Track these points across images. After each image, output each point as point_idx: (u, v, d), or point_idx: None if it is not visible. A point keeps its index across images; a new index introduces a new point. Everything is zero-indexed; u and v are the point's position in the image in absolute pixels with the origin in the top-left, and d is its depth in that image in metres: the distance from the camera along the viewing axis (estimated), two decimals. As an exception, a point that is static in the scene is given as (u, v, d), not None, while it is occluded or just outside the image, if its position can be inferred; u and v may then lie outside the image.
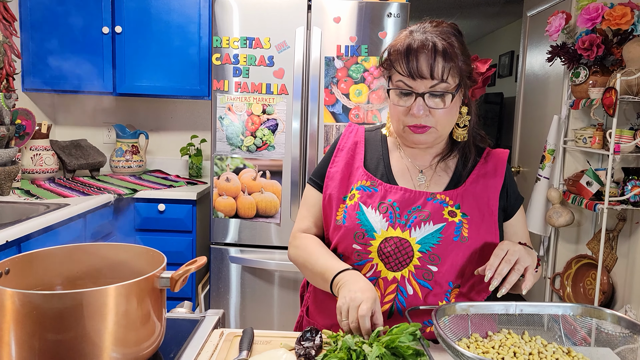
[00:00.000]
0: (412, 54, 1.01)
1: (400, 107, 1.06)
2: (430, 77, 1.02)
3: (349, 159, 1.19)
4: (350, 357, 0.83)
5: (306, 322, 1.23)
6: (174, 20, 2.80)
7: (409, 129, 1.07)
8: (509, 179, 1.16)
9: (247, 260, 2.51)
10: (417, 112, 1.03)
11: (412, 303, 1.07)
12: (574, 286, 2.93)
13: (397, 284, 1.07)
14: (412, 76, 1.02)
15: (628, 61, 2.43)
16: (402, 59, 1.03)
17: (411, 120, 1.05)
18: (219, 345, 1.00)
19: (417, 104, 1.03)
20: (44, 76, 2.83)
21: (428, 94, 1.03)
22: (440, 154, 1.16)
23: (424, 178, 1.15)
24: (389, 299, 1.08)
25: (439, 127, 1.07)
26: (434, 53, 1.01)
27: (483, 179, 1.13)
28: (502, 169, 1.15)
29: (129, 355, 0.85)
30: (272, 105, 2.42)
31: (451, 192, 1.11)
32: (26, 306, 0.78)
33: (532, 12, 3.63)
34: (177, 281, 0.89)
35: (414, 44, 1.02)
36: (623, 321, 0.88)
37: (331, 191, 1.17)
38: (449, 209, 1.08)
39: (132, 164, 3.05)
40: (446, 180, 1.15)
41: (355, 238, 1.09)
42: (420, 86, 1.03)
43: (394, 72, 1.06)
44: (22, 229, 1.84)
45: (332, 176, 1.18)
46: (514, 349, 0.88)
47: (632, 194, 2.44)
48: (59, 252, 0.99)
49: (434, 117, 1.05)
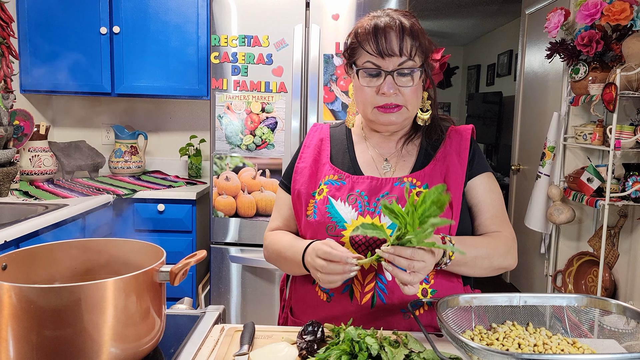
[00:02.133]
0: (379, 32, 1.05)
1: (369, 87, 1.08)
2: (400, 54, 1.05)
3: (315, 155, 1.20)
4: (353, 348, 0.82)
5: (291, 321, 1.21)
6: (172, 19, 2.80)
7: (378, 110, 1.09)
8: (475, 152, 1.17)
9: (248, 259, 2.50)
10: (388, 90, 1.05)
11: (392, 288, 1.06)
12: (576, 283, 2.92)
13: (375, 272, 1.07)
14: (382, 54, 1.05)
15: (627, 57, 2.42)
16: (371, 38, 1.05)
17: (381, 100, 1.08)
18: (219, 340, 0.99)
19: (387, 82, 1.06)
20: (42, 77, 2.81)
21: (396, 72, 1.06)
22: (403, 137, 1.18)
23: (389, 166, 1.16)
24: (369, 287, 1.08)
25: (409, 106, 1.09)
26: (402, 31, 1.04)
27: (449, 156, 1.14)
28: (466, 144, 1.15)
29: (128, 350, 0.84)
30: (271, 103, 2.41)
31: (417, 174, 1.12)
32: (23, 300, 0.77)
33: (531, 10, 3.63)
34: (176, 275, 0.88)
35: (381, 23, 1.05)
36: (629, 311, 0.87)
37: (299, 187, 1.18)
38: (416, 190, 1.09)
39: (131, 164, 3.04)
40: (411, 163, 1.15)
41: (327, 231, 1.10)
42: (388, 64, 1.06)
43: (360, 54, 1.08)
44: (20, 229, 1.83)
45: (301, 171, 1.19)
46: (519, 340, 0.87)
47: (633, 190, 2.43)
48: (57, 248, 0.98)
49: (403, 95, 1.07)
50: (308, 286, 1.17)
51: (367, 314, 1.07)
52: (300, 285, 1.20)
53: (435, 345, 0.82)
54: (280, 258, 1.18)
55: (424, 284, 1.07)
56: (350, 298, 1.09)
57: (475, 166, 1.16)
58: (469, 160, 1.14)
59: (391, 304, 1.06)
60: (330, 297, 1.11)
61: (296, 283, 1.22)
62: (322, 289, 1.13)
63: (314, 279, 1.10)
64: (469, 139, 1.17)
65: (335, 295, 1.10)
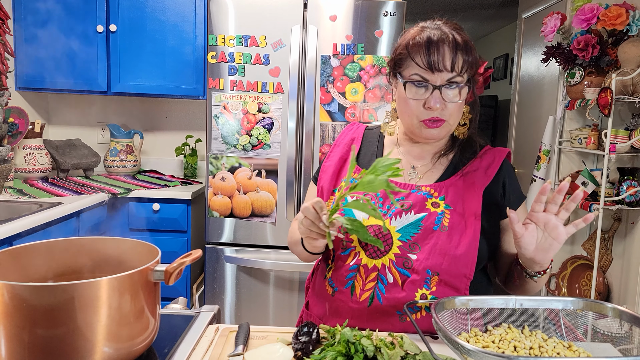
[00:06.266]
0: (433, 46, 1.03)
1: (415, 100, 1.07)
2: (451, 69, 1.03)
3: (343, 154, 1.23)
4: (349, 349, 0.81)
5: (306, 315, 1.24)
6: (169, 19, 2.79)
7: (423, 123, 1.08)
8: (507, 176, 1.15)
9: (243, 260, 2.49)
10: (434, 105, 1.04)
11: (392, 291, 1.07)
12: (570, 287, 2.92)
13: (377, 272, 1.08)
14: (432, 68, 1.03)
15: (623, 61, 2.43)
16: (423, 51, 1.04)
17: (426, 114, 1.07)
18: (214, 340, 0.98)
19: (434, 96, 1.04)
20: (37, 75, 2.80)
21: (445, 87, 1.04)
22: (439, 151, 1.18)
23: (415, 173, 1.16)
24: (369, 286, 1.08)
25: (451, 121, 1.09)
26: (455, 46, 1.03)
27: (474, 173, 1.13)
28: (495, 166, 1.14)
29: (122, 350, 0.83)
30: (267, 103, 2.41)
31: (437, 185, 1.12)
32: (16, 299, 0.76)
33: (527, 14, 3.64)
34: (171, 274, 0.87)
35: (434, 36, 1.04)
36: (625, 315, 0.87)
37: (323, 183, 1.21)
38: (432, 200, 1.10)
39: (127, 163, 3.02)
40: (438, 175, 1.16)
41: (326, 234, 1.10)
42: (437, 79, 1.04)
43: (408, 66, 1.07)
44: (14, 227, 1.81)
45: (326, 169, 1.22)
46: (515, 343, 0.87)
47: (627, 194, 2.44)
48: (51, 246, 0.97)
49: (448, 110, 1.06)
50: (321, 280, 1.19)
51: (364, 312, 1.08)
52: (318, 280, 1.22)
53: (431, 347, 0.81)
54: (292, 241, 1.22)
55: (424, 289, 1.06)
56: (351, 294, 1.10)
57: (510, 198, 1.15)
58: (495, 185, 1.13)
59: (388, 305, 1.06)
60: (335, 292, 1.13)
61: (315, 279, 1.24)
62: (330, 284, 1.14)
63: (326, 274, 1.14)
64: (502, 158, 1.15)
65: (339, 290, 1.12)
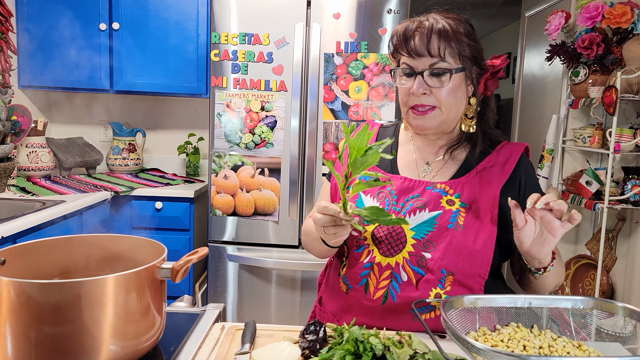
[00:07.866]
0: (409, 33, 1.07)
1: (402, 88, 1.10)
2: (429, 54, 1.05)
3: None
4: (357, 348, 0.81)
5: (319, 311, 1.23)
6: (172, 17, 2.78)
7: (412, 112, 1.10)
8: (525, 173, 1.12)
9: (245, 258, 2.49)
10: (417, 90, 1.06)
11: (406, 289, 1.05)
12: (573, 287, 2.92)
13: (391, 270, 1.07)
14: (411, 54, 1.06)
15: (628, 60, 2.42)
16: (402, 40, 1.08)
17: (412, 100, 1.08)
18: (220, 338, 0.98)
19: (416, 81, 1.07)
20: (40, 73, 2.79)
21: (428, 73, 1.06)
22: (449, 144, 1.16)
23: (429, 169, 1.16)
24: (383, 284, 1.08)
25: (443, 108, 1.08)
26: (430, 31, 1.05)
27: (490, 170, 1.11)
28: (512, 162, 1.11)
29: (128, 348, 0.83)
30: (270, 102, 2.40)
31: (452, 182, 1.11)
32: (22, 296, 0.75)
33: (531, 13, 3.63)
34: (178, 272, 0.87)
35: (412, 25, 1.08)
36: (635, 313, 0.86)
37: (336, 181, 1.17)
38: (447, 197, 1.08)
39: (129, 162, 3.02)
40: (453, 171, 1.14)
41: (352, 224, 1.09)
42: (419, 65, 1.07)
43: (399, 56, 1.11)
44: (17, 225, 1.81)
45: (338, 167, 1.23)
46: (524, 342, 0.86)
47: (632, 193, 2.44)
48: (57, 243, 0.97)
49: (435, 96, 1.07)
50: (335, 277, 1.18)
51: (378, 310, 1.07)
52: (331, 276, 1.21)
53: (441, 346, 0.81)
54: (308, 238, 1.22)
55: (439, 289, 1.05)
56: (365, 292, 1.09)
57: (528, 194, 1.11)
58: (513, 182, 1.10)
59: (402, 303, 1.05)
60: (349, 289, 1.12)
61: (329, 275, 1.23)
62: (344, 281, 1.14)
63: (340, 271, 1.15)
64: (520, 153, 1.13)
65: (352, 287, 1.12)
